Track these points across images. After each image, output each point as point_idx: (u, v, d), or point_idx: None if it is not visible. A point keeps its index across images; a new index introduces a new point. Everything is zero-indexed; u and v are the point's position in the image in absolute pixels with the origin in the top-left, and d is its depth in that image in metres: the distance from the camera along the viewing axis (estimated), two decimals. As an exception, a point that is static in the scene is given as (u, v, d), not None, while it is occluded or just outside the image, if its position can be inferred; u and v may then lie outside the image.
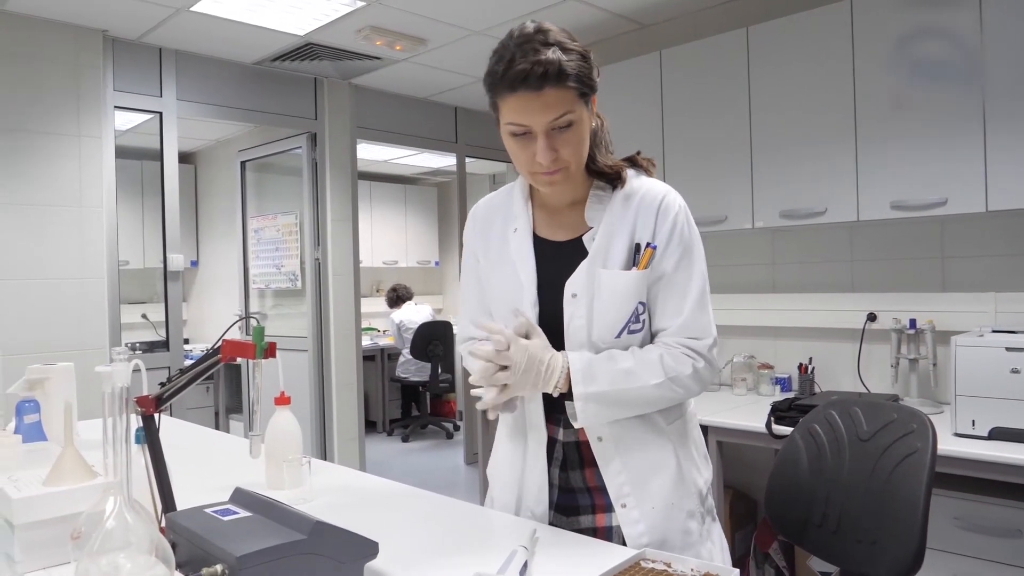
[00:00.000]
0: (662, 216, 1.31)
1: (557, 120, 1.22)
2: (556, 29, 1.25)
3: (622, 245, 1.31)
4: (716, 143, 3.06)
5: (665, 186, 1.36)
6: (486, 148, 5.59)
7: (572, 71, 1.20)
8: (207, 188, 6.31)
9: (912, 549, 1.39)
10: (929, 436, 1.52)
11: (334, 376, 4.64)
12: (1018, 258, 2.64)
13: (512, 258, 1.38)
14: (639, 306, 1.30)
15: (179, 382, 1.15)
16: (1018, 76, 2.33)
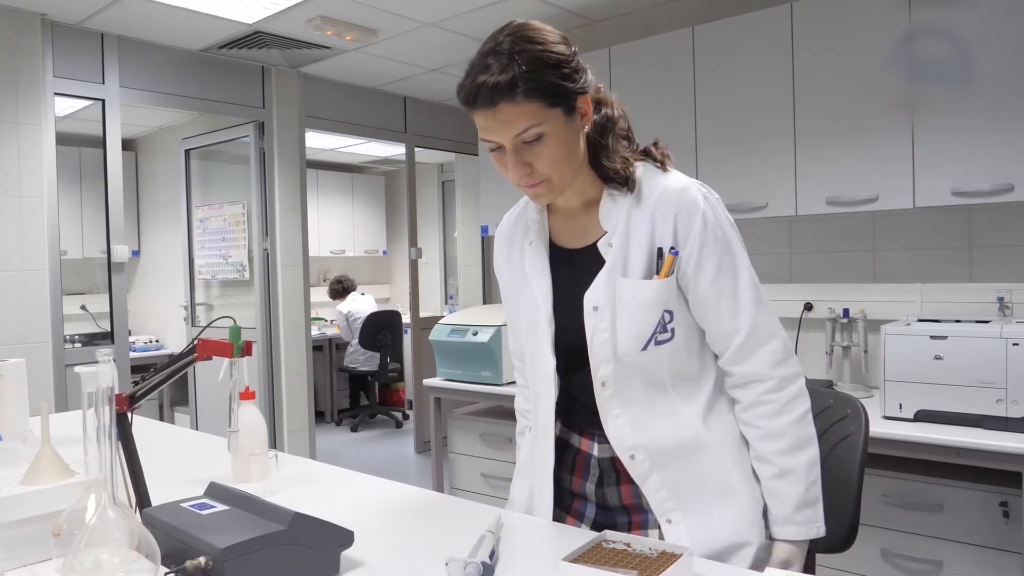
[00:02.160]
0: (685, 217, 1.21)
1: (522, 135, 1.15)
2: (532, 31, 1.18)
3: (641, 251, 1.23)
4: (663, 139, 3.15)
5: (684, 182, 1.26)
6: (435, 138, 5.61)
7: (531, 84, 1.13)
8: (149, 176, 6.17)
9: (846, 526, 1.50)
10: (862, 421, 1.63)
11: (283, 367, 4.63)
12: (942, 251, 2.81)
13: (527, 273, 1.34)
14: (665, 315, 1.22)
15: (152, 380, 1.17)
16: (941, 80, 2.47)
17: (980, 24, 2.40)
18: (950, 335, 2.28)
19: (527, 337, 1.35)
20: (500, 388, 3.22)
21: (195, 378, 4.97)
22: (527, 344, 1.36)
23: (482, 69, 1.15)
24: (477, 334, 3.27)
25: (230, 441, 1.30)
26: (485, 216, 3.89)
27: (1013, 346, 2.17)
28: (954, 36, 2.45)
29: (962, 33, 2.43)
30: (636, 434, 1.24)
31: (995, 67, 2.39)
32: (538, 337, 1.31)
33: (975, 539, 2.24)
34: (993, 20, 2.38)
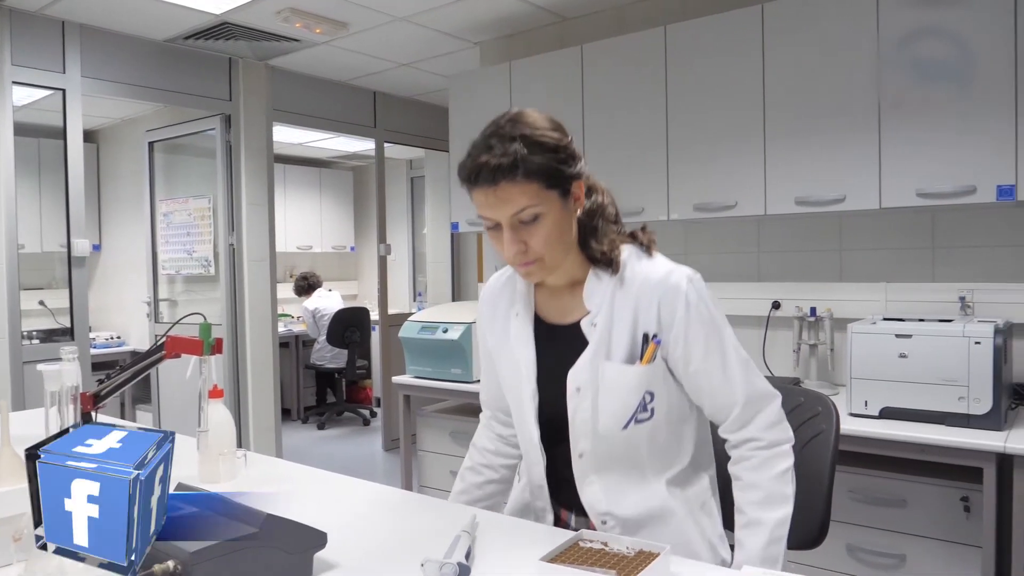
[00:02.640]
0: (668, 302, 1.27)
1: (519, 214, 1.21)
2: (531, 119, 1.25)
3: (625, 334, 1.28)
4: (635, 138, 3.17)
5: (667, 266, 1.31)
6: (404, 133, 5.57)
7: (531, 166, 1.19)
8: (111, 169, 6.03)
9: (817, 523, 1.52)
10: (833, 418, 1.65)
11: (249, 364, 4.56)
12: (906, 251, 2.86)
13: (513, 344, 1.39)
14: (646, 396, 1.28)
15: (118, 379, 1.14)
16: (908, 82, 2.51)
17: (949, 27, 2.44)
18: (915, 334, 2.33)
19: (513, 404, 1.41)
20: (470, 386, 3.21)
21: (158, 375, 4.87)
22: (514, 411, 1.42)
23: (485, 149, 1.21)
24: (447, 331, 3.25)
25: (199, 441, 1.27)
26: (456, 213, 3.86)
27: (975, 344, 2.21)
28: (923, 39, 2.49)
29: (931, 36, 2.47)
30: (608, 501, 1.31)
31: (961, 71, 2.43)
32: (523, 408, 1.37)
33: (937, 533, 2.29)
34: (961, 23, 2.42)
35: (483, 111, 3.66)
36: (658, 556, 1.01)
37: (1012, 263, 2.66)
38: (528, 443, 1.38)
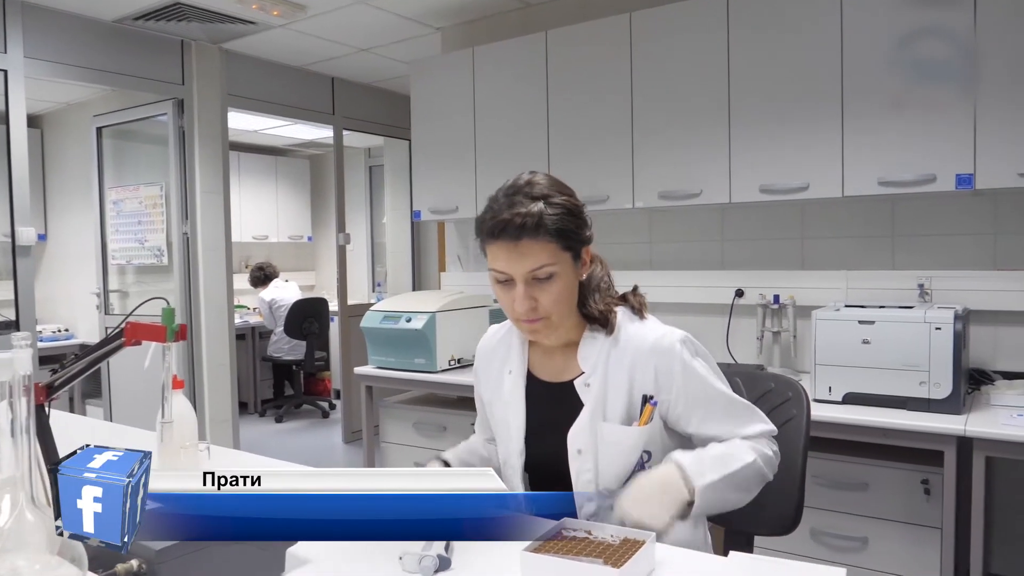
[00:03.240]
0: (665, 365, 1.32)
1: (536, 271, 1.25)
2: (548, 182, 1.31)
3: (621, 395, 1.33)
4: (599, 125, 3.15)
5: (661, 329, 1.37)
6: (364, 121, 5.48)
7: (552, 224, 1.25)
8: (56, 156, 5.81)
9: (792, 507, 1.53)
10: (804, 403, 1.66)
11: (205, 356, 4.45)
12: (866, 240, 2.90)
13: (505, 400, 1.43)
14: (644, 455, 1.33)
15: (73, 368, 1.08)
16: (873, 73, 2.54)
17: (913, 18, 2.47)
18: (877, 320, 2.36)
19: (501, 456, 1.45)
20: (434, 376, 3.17)
21: (109, 368, 4.72)
22: (502, 462, 1.45)
23: (509, 205, 1.26)
24: (411, 320, 3.20)
25: (163, 433, 1.21)
26: (418, 202, 3.81)
27: (936, 330, 2.25)
28: (887, 29, 2.51)
29: (895, 26, 2.50)
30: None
31: (923, 61, 2.46)
32: (510, 463, 1.41)
33: (898, 516, 2.33)
34: (925, 15, 2.45)
35: (445, 98, 3.66)
36: (643, 544, 0.99)
37: (969, 251, 2.71)
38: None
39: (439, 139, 3.68)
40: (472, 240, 3.99)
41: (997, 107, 2.36)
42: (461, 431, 3.22)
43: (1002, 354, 2.64)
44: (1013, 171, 2.35)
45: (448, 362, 3.21)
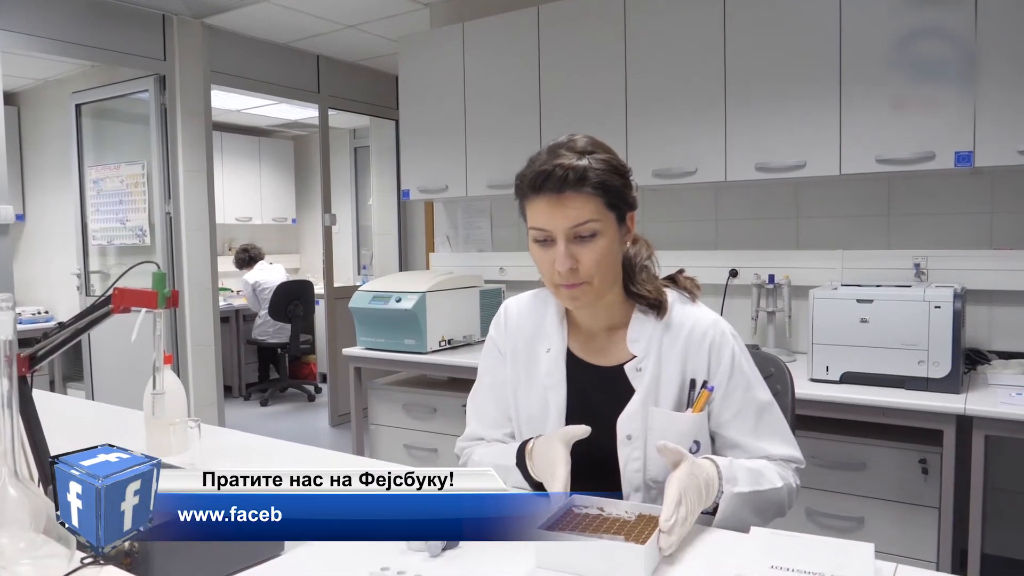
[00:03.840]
0: (715, 353, 1.27)
1: (578, 227, 1.18)
2: (591, 140, 1.24)
3: (673, 381, 1.26)
4: (592, 102, 3.10)
5: (712, 316, 1.31)
6: (349, 100, 5.38)
7: (596, 178, 1.18)
8: (34, 134, 5.67)
9: None
10: (787, 378, 1.63)
11: (189, 338, 4.37)
12: (862, 219, 2.88)
13: (543, 382, 1.32)
14: (693, 445, 1.25)
15: (57, 338, 1.02)
16: (872, 49, 2.50)
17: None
18: (876, 299, 2.33)
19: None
20: (424, 356, 3.12)
21: (90, 350, 4.62)
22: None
23: (554, 156, 1.20)
24: (400, 301, 3.15)
25: (153, 405, 1.15)
26: (406, 181, 3.74)
27: (935, 309, 2.23)
28: (886, 5, 2.47)
29: (892, 2, 2.46)
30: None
31: (922, 37, 2.43)
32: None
33: (895, 496, 2.32)
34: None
35: (434, 74, 3.59)
36: (660, 519, 0.95)
37: (965, 230, 2.69)
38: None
39: (428, 116, 3.61)
40: (461, 219, 3.95)
41: (998, 83, 2.34)
42: (451, 413, 3.18)
43: (998, 334, 2.64)
44: (1013, 148, 2.32)
45: (439, 343, 3.16)
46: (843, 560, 0.83)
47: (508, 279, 3.64)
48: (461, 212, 3.92)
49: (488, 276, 3.63)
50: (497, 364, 1.41)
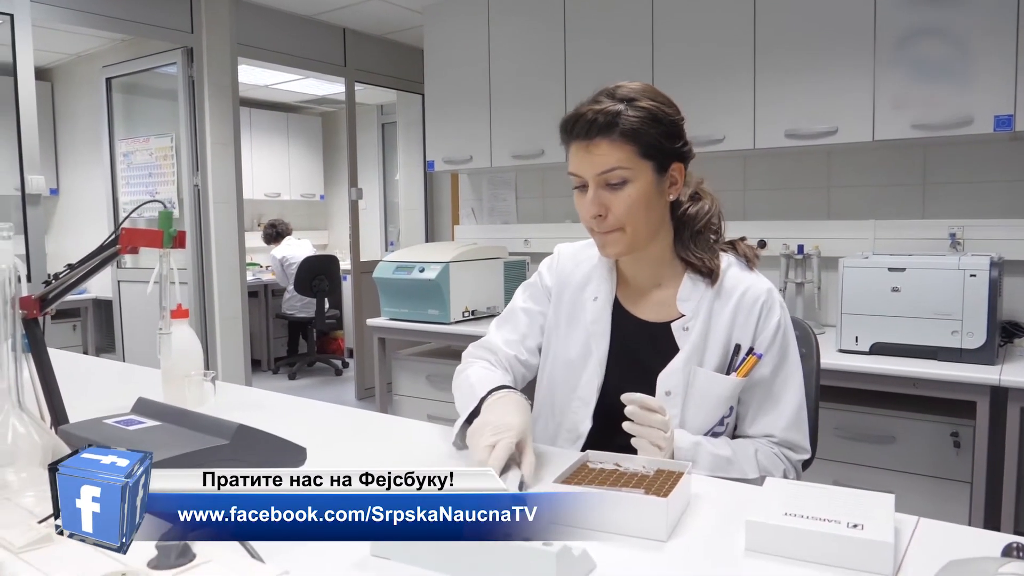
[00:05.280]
0: (764, 319, 1.25)
1: (606, 174, 1.17)
2: (640, 87, 1.21)
3: (719, 343, 1.25)
4: (618, 69, 3.04)
5: (766, 284, 1.29)
6: (376, 74, 5.36)
7: (628, 124, 1.15)
8: (67, 109, 5.74)
9: None
10: (813, 342, 1.59)
11: (217, 310, 4.41)
12: (896, 188, 2.80)
13: (588, 328, 1.31)
14: (728, 410, 1.25)
15: (68, 279, 1.01)
16: (907, 10, 2.41)
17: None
18: (908, 267, 2.27)
19: (565, 389, 1.32)
20: (448, 327, 3.11)
21: (122, 320, 4.69)
22: (561, 395, 1.33)
23: (591, 103, 1.19)
24: (424, 271, 3.14)
25: (161, 346, 1.15)
26: (431, 152, 3.72)
27: (971, 277, 2.16)
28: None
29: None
30: None
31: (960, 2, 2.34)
32: (579, 394, 1.30)
33: (926, 470, 2.26)
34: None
35: (459, 43, 3.55)
36: (682, 474, 0.92)
37: (1003, 199, 2.60)
38: (568, 433, 1.31)
39: (453, 87, 3.58)
40: (486, 191, 3.92)
41: (1042, 43, 2.24)
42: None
43: (1036, 306, 2.55)
44: (1057, 111, 2.23)
45: (462, 314, 3.14)
46: (862, 510, 0.79)
47: (533, 251, 3.61)
48: (486, 184, 3.89)
49: (513, 248, 3.60)
50: (539, 295, 1.40)
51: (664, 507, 0.82)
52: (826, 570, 0.74)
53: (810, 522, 0.76)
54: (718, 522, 0.89)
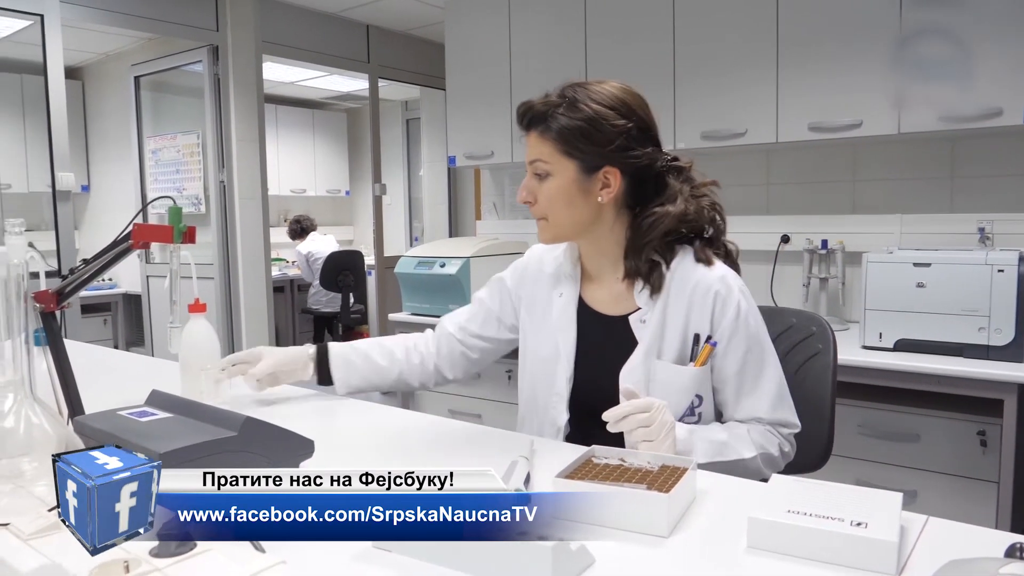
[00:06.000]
0: (720, 307, 1.25)
1: (533, 164, 1.25)
2: (597, 88, 1.24)
3: (676, 334, 1.26)
4: (639, 62, 3.02)
5: (720, 272, 1.28)
6: (400, 70, 5.38)
7: (555, 124, 1.20)
8: (97, 107, 5.84)
9: (821, 444, 1.46)
10: (829, 337, 1.57)
11: (243, 305, 4.46)
12: (923, 182, 2.74)
13: (553, 325, 1.35)
14: (695, 399, 1.26)
15: (83, 273, 1.03)
16: (929, 3, 2.37)
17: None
18: (934, 262, 2.22)
19: (540, 386, 1.36)
20: (469, 322, 3.11)
21: (151, 315, 4.78)
22: (537, 391, 1.37)
23: (541, 96, 1.26)
24: (445, 266, 3.15)
25: (171, 338, 1.17)
26: (452, 147, 3.73)
27: (999, 272, 2.11)
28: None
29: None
30: None
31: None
32: (555, 389, 1.34)
33: (951, 469, 2.22)
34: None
35: (481, 39, 3.54)
36: (686, 471, 0.91)
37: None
38: (549, 427, 1.35)
39: (474, 82, 3.58)
40: (508, 186, 3.91)
41: (1074, 32, 2.19)
42: (495, 378, 3.17)
43: (1068, 302, 2.49)
44: (1089, 102, 2.17)
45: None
46: (867, 508, 0.78)
47: (554, 246, 3.60)
48: (508, 179, 3.89)
49: (534, 243, 3.59)
50: (495, 291, 1.47)
51: (665, 503, 0.81)
52: (828, 568, 0.73)
53: (813, 519, 0.75)
54: (721, 518, 0.89)
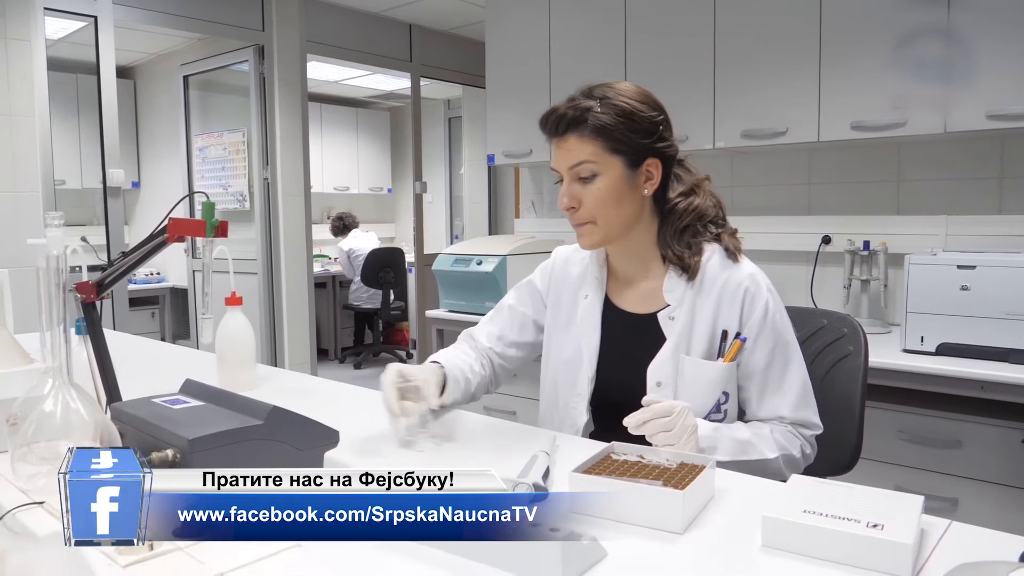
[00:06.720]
0: (748, 304, 1.26)
1: (576, 167, 1.22)
2: (620, 86, 1.25)
3: (704, 331, 1.27)
4: (679, 61, 3.00)
5: (750, 269, 1.30)
6: (441, 68, 5.42)
7: (595, 122, 1.19)
8: (147, 106, 6.01)
9: (850, 446, 1.44)
10: (861, 339, 1.55)
11: (285, 299, 4.55)
12: (969, 181, 2.67)
13: (577, 328, 1.35)
14: (722, 396, 1.25)
15: (122, 265, 1.07)
16: None
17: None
18: (979, 265, 2.17)
19: (562, 386, 1.37)
20: (504, 320, 3.12)
21: (195, 308, 4.89)
22: (559, 392, 1.38)
23: (566, 101, 1.24)
24: (481, 264, 3.17)
25: (202, 329, 1.20)
26: (492, 145, 3.74)
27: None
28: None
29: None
30: None
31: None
32: (576, 390, 1.34)
33: (993, 477, 2.16)
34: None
35: (521, 36, 3.55)
36: (704, 468, 0.91)
37: (1089, 194, 2.46)
38: (569, 426, 1.35)
39: (514, 80, 3.59)
40: (546, 186, 3.92)
41: None
42: (530, 376, 3.17)
43: (1122, 308, 2.40)
44: None
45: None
46: (887, 510, 0.77)
47: (591, 245, 3.60)
48: (546, 177, 3.89)
49: (571, 241, 3.59)
50: (525, 296, 1.46)
51: (680, 499, 0.81)
52: (843, 569, 0.72)
53: (828, 520, 0.74)
54: (738, 517, 0.89)
